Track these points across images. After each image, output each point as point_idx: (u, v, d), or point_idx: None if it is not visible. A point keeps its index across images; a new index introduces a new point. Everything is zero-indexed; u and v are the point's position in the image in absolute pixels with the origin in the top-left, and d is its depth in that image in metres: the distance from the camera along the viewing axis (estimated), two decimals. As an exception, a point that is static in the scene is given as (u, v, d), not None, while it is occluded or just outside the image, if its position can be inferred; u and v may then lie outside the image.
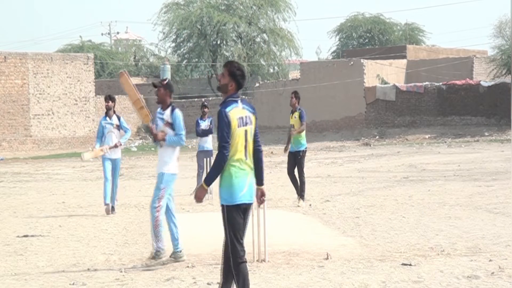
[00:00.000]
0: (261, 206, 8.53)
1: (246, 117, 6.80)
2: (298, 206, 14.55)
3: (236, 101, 6.79)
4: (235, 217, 6.65)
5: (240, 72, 6.83)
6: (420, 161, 25.17)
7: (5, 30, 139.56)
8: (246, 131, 6.74)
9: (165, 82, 9.96)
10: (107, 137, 14.36)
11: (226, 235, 6.69)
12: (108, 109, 14.42)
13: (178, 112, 9.67)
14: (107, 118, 14.44)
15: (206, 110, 17.58)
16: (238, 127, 6.69)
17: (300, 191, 14.75)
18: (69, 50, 55.19)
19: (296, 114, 15.30)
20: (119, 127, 14.38)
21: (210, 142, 17.50)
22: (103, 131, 14.36)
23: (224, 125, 6.62)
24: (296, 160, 14.86)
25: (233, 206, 6.65)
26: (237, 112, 6.74)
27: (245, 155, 6.73)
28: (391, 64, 43.76)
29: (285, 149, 15.20)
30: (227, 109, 6.69)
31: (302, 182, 14.77)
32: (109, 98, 14.44)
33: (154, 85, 10.48)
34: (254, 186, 6.80)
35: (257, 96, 45.20)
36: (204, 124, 17.55)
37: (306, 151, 15.19)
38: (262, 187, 6.86)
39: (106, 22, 75.28)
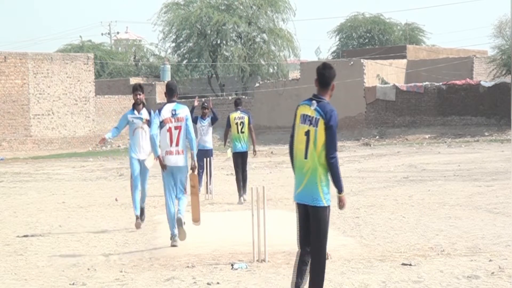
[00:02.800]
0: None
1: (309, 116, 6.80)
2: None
3: (311, 100, 6.83)
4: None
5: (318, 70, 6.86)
6: (420, 161, 25.17)
7: (5, 30, 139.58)
8: (308, 131, 6.73)
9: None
10: (135, 135, 12.17)
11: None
12: (137, 102, 12.27)
13: None
14: (135, 112, 12.25)
15: (206, 111, 17.56)
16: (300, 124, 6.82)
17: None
18: (69, 50, 55.20)
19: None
20: (149, 122, 11.91)
21: (210, 142, 17.47)
22: (129, 126, 12.23)
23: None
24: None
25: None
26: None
27: (304, 155, 6.76)
28: (391, 64, 43.76)
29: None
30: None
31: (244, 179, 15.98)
32: (140, 89, 12.39)
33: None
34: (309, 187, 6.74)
35: (257, 96, 45.19)
36: (204, 123, 17.51)
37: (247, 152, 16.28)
38: (339, 195, 6.87)
39: (106, 22, 75.42)
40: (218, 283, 8.12)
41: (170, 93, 10.85)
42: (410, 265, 8.64)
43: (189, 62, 52.87)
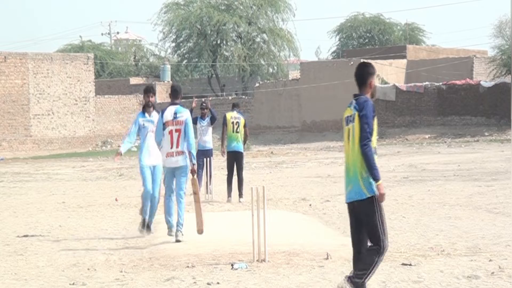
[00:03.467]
0: None
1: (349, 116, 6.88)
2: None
3: (351, 102, 6.94)
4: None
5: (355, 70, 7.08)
6: (420, 161, 25.17)
7: (5, 30, 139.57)
8: (349, 129, 6.83)
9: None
10: (147, 139, 11.47)
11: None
12: (148, 105, 11.65)
13: None
14: (146, 115, 11.60)
15: (205, 111, 17.57)
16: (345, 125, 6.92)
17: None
18: (69, 50, 55.20)
19: None
20: None
21: (210, 142, 17.47)
22: (140, 131, 11.52)
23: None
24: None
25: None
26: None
27: (348, 153, 6.85)
28: (391, 64, 43.76)
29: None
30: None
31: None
32: (152, 91, 11.72)
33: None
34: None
35: (257, 96, 45.19)
36: (204, 124, 17.50)
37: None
38: (376, 183, 6.76)
39: (106, 22, 75.21)
40: (218, 283, 8.12)
41: (175, 94, 11.06)
42: (410, 265, 8.63)
43: (189, 62, 52.87)
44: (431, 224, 11.74)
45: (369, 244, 6.82)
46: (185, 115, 10.79)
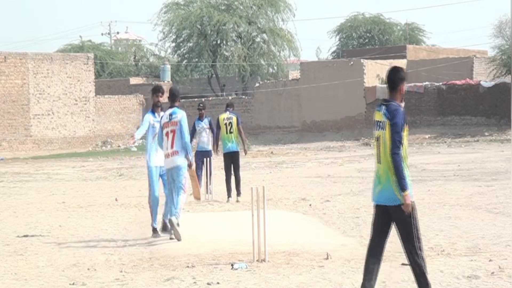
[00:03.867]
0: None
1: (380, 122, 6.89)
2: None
3: (381, 106, 6.93)
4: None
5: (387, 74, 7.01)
6: (420, 161, 25.17)
7: (5, 30, 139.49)
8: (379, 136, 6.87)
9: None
10: (155, 140, 11.44)
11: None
12: (157, 105, 11.56)
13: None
14: (156, 115, 11.49)
15: (202, 112, 17.59)
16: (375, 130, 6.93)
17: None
18: (69, 50, 55.18)
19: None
20: None
21: (209, 143, 17.49)
22: (148, 130, 11.48)
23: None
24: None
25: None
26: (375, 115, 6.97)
27: (378, 159, 6.89)
28: (391, 64, 43.63)
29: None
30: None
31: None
32: (160, 91, 11.52)
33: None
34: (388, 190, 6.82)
35: (257, 96, 45.19)
36: (202, 125, 17.52)
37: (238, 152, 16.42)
38: (402, 193, 6.78)
39: (106, 22, 75.17)
40: (218, 283, 8.12)
41: (173, 98, 11.24)
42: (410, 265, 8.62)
43: (189, 62, 52.84)
44: (431, 224, 11.74)
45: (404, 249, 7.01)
46: (179, 115, 11.01)
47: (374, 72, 41.91)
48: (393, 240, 10.38)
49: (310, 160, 28.58)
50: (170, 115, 11.04)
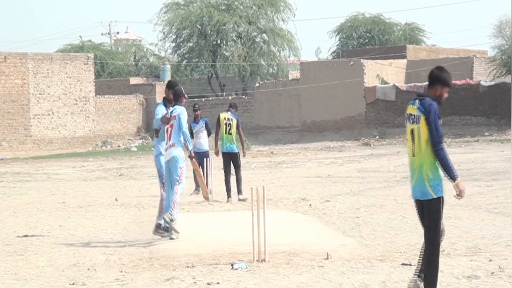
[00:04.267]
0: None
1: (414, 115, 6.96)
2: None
3: (415, 100, 7.03)
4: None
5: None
6: (420, 161, 25.13)
7: (5, 30, 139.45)
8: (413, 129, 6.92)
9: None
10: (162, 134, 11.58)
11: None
12: (169, 100, 11.58)
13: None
14: (167, 108, 11.54)
15: (198, 112, 17.60)
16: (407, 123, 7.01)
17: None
18: (69, 50, 55.16)
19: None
20: None
21: (205, 143, 17.51)
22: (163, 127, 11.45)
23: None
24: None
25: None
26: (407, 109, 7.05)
27: (412, 152, 6.96)
28: (391, 64, 43.75)
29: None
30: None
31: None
32: (172, 86, 11.61)
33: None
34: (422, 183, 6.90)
35: (257, 96, 45.19)
36: (198, 127, 17.55)
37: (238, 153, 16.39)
38: (454, 183, 6.96)
39: (106, 22, 75.15)
40: (218, 283, 8.12)
41: (176, 98, 11.51)
42: (410, 265, 8.63)
43: (189, 62, 52.83)
44: (431, 224, 11.72)
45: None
46: (178, 110, 11.28)
47: (374, 72, 41.91)
48: (393, 240, 10.40)
49: (310, 160, 28.58)
50: (171, 111, 11.36)
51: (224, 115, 16.32)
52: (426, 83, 7.23)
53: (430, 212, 6.92)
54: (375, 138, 38.96)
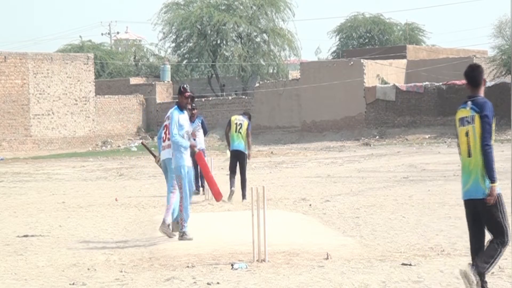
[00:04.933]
0: None
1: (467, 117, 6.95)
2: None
3: (466, 103, 7.01)
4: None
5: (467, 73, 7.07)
6: (420, 161, 25.17)
7: (5, 30, 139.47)
8: (467, 131, 6.92)
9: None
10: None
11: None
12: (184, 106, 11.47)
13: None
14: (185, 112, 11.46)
15: (194, 112, 17.63)
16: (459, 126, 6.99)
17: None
18: (69, 50, 55.16)
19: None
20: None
21: (201, 142, 17.53)
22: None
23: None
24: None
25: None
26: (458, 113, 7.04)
27: (467, 153, 6.96)
28: (391, 64, 43.74)
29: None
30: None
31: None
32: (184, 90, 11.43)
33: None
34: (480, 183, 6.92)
35: (257, 96, 45.20)
36: (193, 126, 17.56)
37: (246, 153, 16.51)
38: (490, 184, 6.99)
39: (106, 22, 75.22)
40: (218, 283, 8.12)
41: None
42: (410, 265, 8.63)
43: (189, 62, 52.82)
44: (431, 224, 11.74)
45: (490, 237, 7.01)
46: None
47: (374, 72, 41.90)
48: (393, 240, 10.40)
49: (310, 160, 28.58)
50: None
51: (235, 117, 16.72)
52: (426, 83, 7.20)
53: (488, 210, 6.92)
54: (375, 138, 38.95)
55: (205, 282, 8.18)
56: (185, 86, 11.40)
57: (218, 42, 51.85)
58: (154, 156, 12.40)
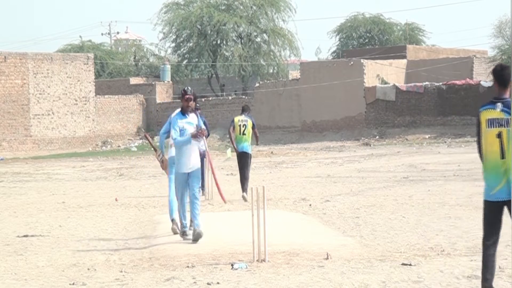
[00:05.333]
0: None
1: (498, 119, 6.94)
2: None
3: (494, 103, 6.95)
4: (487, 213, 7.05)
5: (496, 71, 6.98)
6: (420, 161, 25.17)
7: (5, 30, 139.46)
8: (500, 132, 6.87)
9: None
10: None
11: None
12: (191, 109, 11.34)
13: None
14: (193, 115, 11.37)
15: (198, 112, 17.65)
16: (488, 127, 6.95)
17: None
18: (69, 50, 55.16)
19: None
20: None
21: (203, 144, 17.53)
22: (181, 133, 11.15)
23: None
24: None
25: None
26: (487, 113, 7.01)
27: (501, 155, 6.91)
28: (391, 64, 43.74)
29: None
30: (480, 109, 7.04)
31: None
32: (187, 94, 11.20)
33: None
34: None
35: (257, 96, 45.20)
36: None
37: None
38: None
39: (106, 22, 75.30)
40: (218, 283, 8.12)
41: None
42: (410, 265, 8.63)
43: (189, 62, 52.83)
44: (431, 224, 11.74)
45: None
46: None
47: (374, 72, 41.90)
48: (393, 240, 10.40)
49: (310, 160, 28.58)
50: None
51: (238, 118, 16.95)
52: (426, 83, 7.23)
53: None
54: (375, 138, 38.95)
55: (205, 282, 8.18)
56: (185, 89, 11.24)
57: (218, 42, 51.85)
58: (155, 150, 12.58)
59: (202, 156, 17.12)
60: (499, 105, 6.90)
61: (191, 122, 11.01)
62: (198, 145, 11.24)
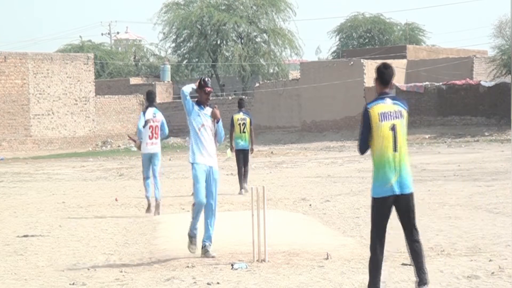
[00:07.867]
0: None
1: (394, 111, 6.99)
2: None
3: (382, 98, 7.04)
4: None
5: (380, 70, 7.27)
6: (420, 161, 25.16)
7: (5, 30, 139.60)
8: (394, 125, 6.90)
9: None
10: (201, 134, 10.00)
11: None
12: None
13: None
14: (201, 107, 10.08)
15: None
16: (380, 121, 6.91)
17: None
18: (69, 50, 55.17)
19: None
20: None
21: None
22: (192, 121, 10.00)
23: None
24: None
25: None
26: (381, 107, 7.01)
27: (393, 148, 6.94)
28: (391, 64, 43.71)
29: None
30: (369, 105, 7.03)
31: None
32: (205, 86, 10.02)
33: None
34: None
35: (257, 96, 45.20)
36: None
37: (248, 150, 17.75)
38: None
39: (106, 22, 75.22)
40: (218, 283, 8.12)
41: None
42: (410, 265, 8.62)
43: (189, 62, 52.85)
44: (431, 224, 11.74)
45: None
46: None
47: (374, 72, 41.90)
48: (393, 240, 10.38)
49: (310, 160, 28.58)
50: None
51: (237, 116, 17.46)
52: (426, 83, 7.29)
53: (409, 204, 7.20)
54: (375, 138, 38.90)
55: (205, 282, 8.18)
56: (205, 80, 9.96)
57: (218, 42, 51.87)
58: (134, 141, 14.61)
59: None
60: (387, 99, 7.00)
61: (208, 114, 9.90)
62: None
